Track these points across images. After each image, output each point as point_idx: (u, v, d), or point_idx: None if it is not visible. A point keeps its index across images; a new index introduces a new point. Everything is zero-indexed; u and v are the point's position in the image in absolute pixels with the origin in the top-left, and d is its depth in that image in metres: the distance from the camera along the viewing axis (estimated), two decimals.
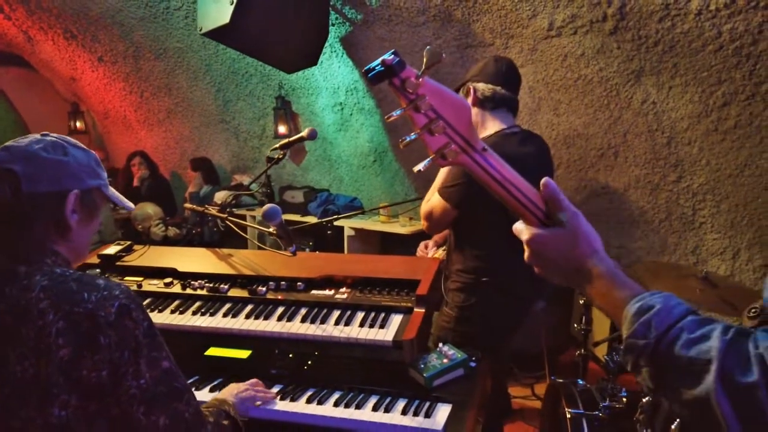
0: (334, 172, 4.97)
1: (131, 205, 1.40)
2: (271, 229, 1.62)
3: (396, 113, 0.85)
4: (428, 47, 0.87)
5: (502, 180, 0.88)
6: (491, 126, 2.20)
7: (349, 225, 4.31)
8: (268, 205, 1.53)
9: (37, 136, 1.18)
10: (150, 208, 4.81)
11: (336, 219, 3.25)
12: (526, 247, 0.91)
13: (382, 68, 0.81)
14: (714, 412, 0.68)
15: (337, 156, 4.84)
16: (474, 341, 2.12)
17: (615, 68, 3.08)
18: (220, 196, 4.88)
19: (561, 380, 2.10)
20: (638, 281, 2.31)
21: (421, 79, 0.83)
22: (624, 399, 1.91)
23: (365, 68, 0.84)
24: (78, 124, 6.99)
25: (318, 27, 3.51)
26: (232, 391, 1.47)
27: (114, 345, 1.01)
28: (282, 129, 4.78)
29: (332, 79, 4.33)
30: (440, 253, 2.56)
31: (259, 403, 1.49)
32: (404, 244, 4.04)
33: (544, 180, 0.90)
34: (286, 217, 4.72)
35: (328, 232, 3.52)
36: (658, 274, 2.44)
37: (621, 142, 3.31)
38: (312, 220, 4.40)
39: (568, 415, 1.84)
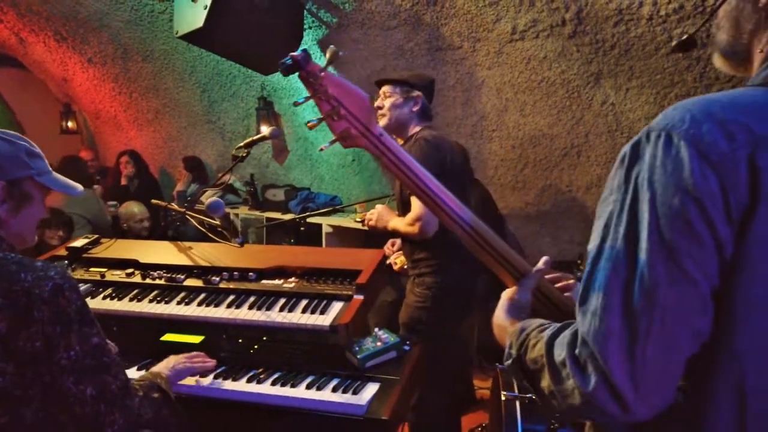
0: (315, 171, 5.09)
1: (79, 188, 1.45)
2: (216, 221, 1.74)
3: (300, 99, 0.99)
4: (331, 46, 1.01)
5: (396, 162, 1.03)
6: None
7: (326, 222, 4.43)
8: (211, 199, 1.65)
9: None
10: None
11: (308, 216, 3.36)
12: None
13: (291, 62, 0.94)
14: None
15: (318, 155, 4.95)
16: (451, 317, 2.36)
17: (575, 71, 3.19)
18: (209, 195, 4.98)
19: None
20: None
21: (323, 73, 0.96)
22: None
23: (280, 61, 0.96)
24: (70, 123, 7.09)
25: (292, 30, 3.62)
26: (168, 363, 1.56)
27: (47, 319, 1.12)
28: (264, 129, 4.87)
29: None
30: (399, 258, 2.67)
31: (193, 378, 1.58)
32: (384, 241, 4.11)
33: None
34: (267, 214, 4.86)
35: (301, 228, 3.63)
36: None
37: (583, 142, 3.42)
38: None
39: (503, 398, 1.96)
